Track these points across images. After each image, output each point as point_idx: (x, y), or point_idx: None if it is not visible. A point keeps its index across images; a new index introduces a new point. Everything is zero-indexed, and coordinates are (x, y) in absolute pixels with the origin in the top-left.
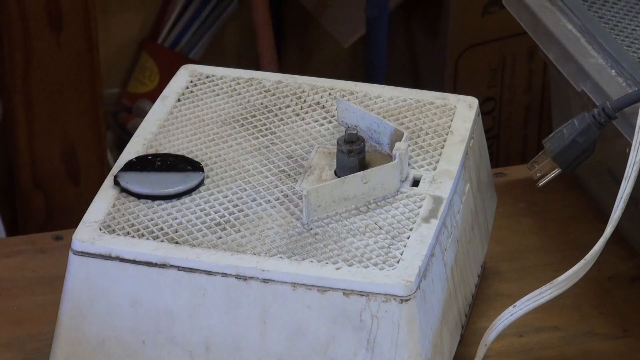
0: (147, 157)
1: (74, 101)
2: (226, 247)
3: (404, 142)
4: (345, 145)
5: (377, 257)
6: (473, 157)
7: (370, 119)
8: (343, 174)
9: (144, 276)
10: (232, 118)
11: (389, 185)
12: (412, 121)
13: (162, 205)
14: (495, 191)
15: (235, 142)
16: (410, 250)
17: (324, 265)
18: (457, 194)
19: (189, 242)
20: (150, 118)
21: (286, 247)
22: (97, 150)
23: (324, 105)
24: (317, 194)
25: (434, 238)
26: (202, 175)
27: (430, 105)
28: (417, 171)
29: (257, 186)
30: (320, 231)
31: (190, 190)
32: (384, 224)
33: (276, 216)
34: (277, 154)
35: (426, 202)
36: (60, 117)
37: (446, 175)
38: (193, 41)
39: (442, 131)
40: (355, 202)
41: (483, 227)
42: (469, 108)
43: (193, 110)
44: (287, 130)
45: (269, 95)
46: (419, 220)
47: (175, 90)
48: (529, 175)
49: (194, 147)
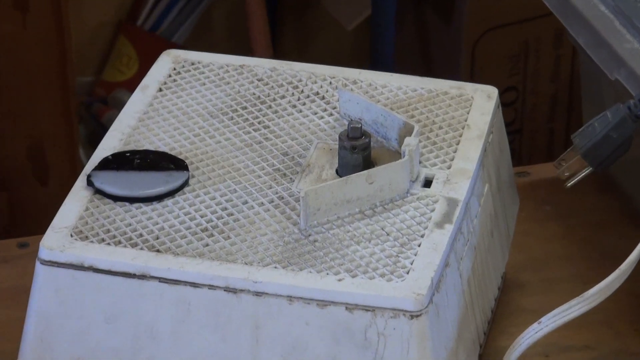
0: (125, 154)
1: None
2: (214, 255)
3: (415, 137)
4: (348, 141)
5: (384, 267)
6: (492, 154)
7: (376, 111)
8: (345, 173)
9: (121, 288)
10: (221, 110)
11: (398, 186)
12: (423, 114)
13: (141, 208)
14: (517, 193)
15: (223, 138)
16: (421, 260)
17: (324, 276)
18: (474, 195)
19: (172, 250)
20: (128, 110)
21: (281, 256)
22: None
23: (324, 95)
24: (316, 196)
25: (448, 245)
26: (187, 174)
27: (444, 95)
28: (430, 170)
29: (249, 187)
30: (319, 238)
31: (173, 191)
32: (392, 230)
33: (270, 221)
34: (271, 150)
35: (439, 205)
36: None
37: (462, 175)
38: (176, 23)
39: (458, 125)
40: (359, 205)
41: (503, 233)
42: (487, 99)
43: (176, 101)
44: (283, 124)
45: (262, 84)
46: (431, 225)
47: (157, 78)
48: (556, 174)
49: (177, 143)
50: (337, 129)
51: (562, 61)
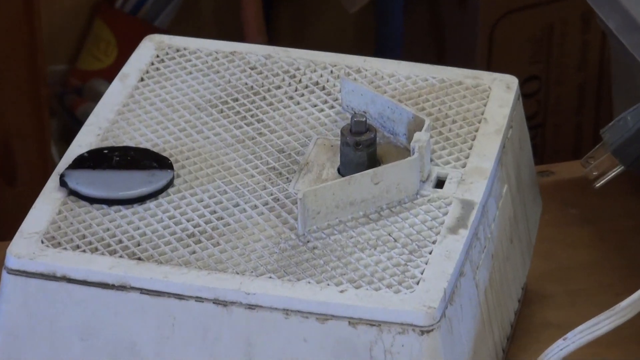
0: (102, 151)
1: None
2: (201, 264)
3: (425, 132)
4: (351, 137)
5: (391, 277)
6: (512, 151)
7: (383, 103)
8: (348, 172)
9: (98, 301)
10: (209, 102)
11: (406, 187)
12: (435, 106)
13: (121, 211)
14: (539, 194)
15: (212, 133)
16: (433, 269)
17: (325, 287)
18: (492, 197)
19: (155, 257)
20: (106, 102)
21: (277, 265)
22: (39, 143)
23: (324, 86)
24: (315, 198)
25: (463, 253)
26: (171, 173)
27: (458, 85)
28: (442, 169)
29: (241, 187)
30: (319, 244)
31: (156, 192)
32: (400, 236)
33: (264, 225)
34: (265, 147)
35: (453, 208)
36: None
37: (478, 174)
38: (159, 5)
39: (474, 118)
40: (363, 208)
41: (524, 239)
42: (506, 89)
43: (160, 92)
44: (278, 118)
45: (255, 73)
46: (444, 230)
47: (138, 67)
48: (583, 174)
49: (161, 138)
50: (339, 123)
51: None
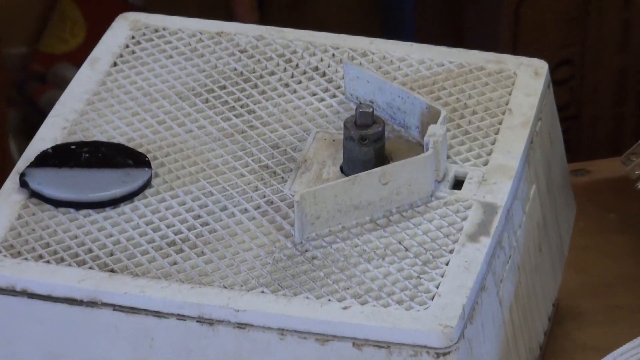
0: (69, 147)
1: None
2: (184, 276)
3: (441, 124)
4: (356, 130)
5: (402, 291)
6: (541, 146)
7: (393, 91)
8: (353, 171)
9: (65, 319)
10: (192, 90)
11: (419, 188)
12: (452, 95)
13: (90, 216)
14: (573, 196)
15: (196, 125)
16: (450, 282)
17: (326, 303)
18: (517, 200)
19: (130, 269)
20: (74, 90)
21: (270, 277)
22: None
23: (325, 71)
24: (315, 200)
25: (484, 264)
26: (149, 172)
27: (480, 71)
28: (460, 167)
29: (229, 188)
30: (319, 254)
31: (131, 194)
32: (412, 244)
33: (256, 232)
34: (257, 142)
35: (473, 212)
36: None
37: (502, 173)
38: None
39: (497, 109)
40: (370, 212)
41: (556, 248)
42: (534, 76)
43: (135, 78)
44: (272, 108)
45: (245, 57)
46: (462, 238)
47: (110, 49)
48: (624, 173)
49: (137, 132)
50: (342, 115)
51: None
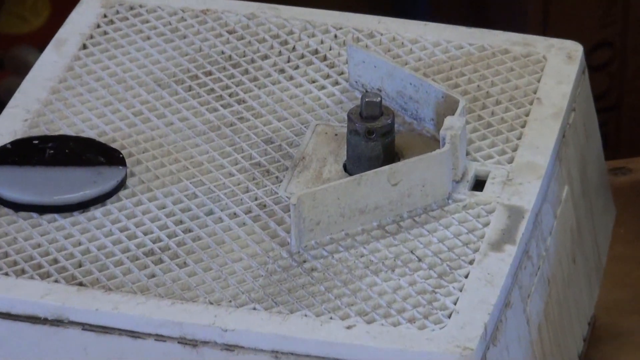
0: (31, 142)
1: None
2: (163, 291)
3: (460, 116)
4: (362, 122)
5: (414, 308)
6: (575, 141)
7: (404, 77)
8: (358, 169)
9: (26, 340)
10: (173, 77)
11: (435, 189)
12: (472, 82)
13: (56, 221)
14: (612, 199)
15: (178, 117)
16: (469, 297)
17: (327, 321)
18: (547, 203)
19: (101, 282)
20: (36, 76)
21: (263, 292)
22: None
23: (326, 55)
24: (314, 203)
25: (509, 277)
26: (124, 171)
27: (504, 54)
28: (482, 165)
29: (215, 189)
30: (319, 265)
31: (103, 196)
32: (426, 254)
33: (247, 240)
34: (248, 136)
35: (496, 217)
36: None
37: (530, 172)
38: None
39: (524, 99)
40: (378, 217)
41: (592, 258)
42: (567, 60)
43: (108, 63)
44: (265, 97)
45: (234, 38)
46: (484, 246)
47: (78, 30)
48: None
49: (109, 124)
50: (346, 105)
51: None
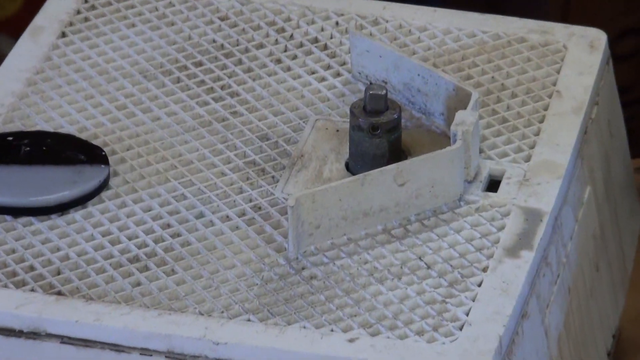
0: (5, 139)
1: None
2: (150, 301)
3: (472, 110)
4: (366, 117)
5: (422, 319)
6: (598, 138)
7: (411, 68)
8: (361, 168)
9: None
10: (160, 67)
11: (445, 190)
12: (486, 73)
13: (32, 225)
14: (638, 201)
15: (165, 111)
16: (483, 308)
17: (328, 334)
18: (567, 205)
19: (82, 291)
20: (11, 67)
21: (258, 302)
22: None
23: (327, 44)
24: (313, 205)
25: (526, 285)
26: (106, 170)
27: (520, 44)
28: (496, 164)
29: (206, 190)
30: (320, 272)
31: (84, 197)
32: (436, 260)
33: (240, 245)
34: (241, 132)
35: (512, 221)
36: None
37: (548, 172)
38: None
39: (542, 91)
40: (383, 220)
41: (617, 265)
42: (589, 49)
43: (89, 53)
44: (260, 90)
45: (227, 25)
46: (498, 252)
47: (57, 16)
48: None
49: (90, 119)
50: (348, 98)
51: None
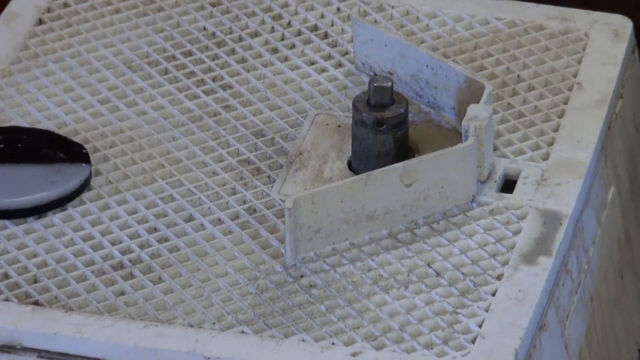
0: None
1: None
2: (135, 311)
3: (486, 104)
4: (370, 112)
5: (431, 331)
6: (623, 134)
7: (420, 58)
8: (365, 167)
9: None
10: (146, 58)
11: (456, 191)
12: (501, 64)
13: (7, 229)
14: None
15: (151, 105)
16: (498, 319)
17: (328, 347)
18: (589, 207)
19: (61, 301)
20: None
21: (253, 313)
22: None
23: (328, 32)
24: (313, 208)
25: (544, 295)
26: (88, 169)
27: (538, 32)
28: (512, 162)
29: (196, 191)
30: (319, 280)
31: (63, 199)
32: (446, 267)
33: (233, 251)
34: (234, 128)
35: (529, 224)
36: None
37: (568, 171)
38: None
39: (561, 84)
40: (388, 223)
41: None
42: (614, 37)
43: (69, 41)
44: (255, 82)
45: (219, 11)
46: (514, 259)
47: (33, 2)
48: None
49: (71, 114)
50: (350, 91)
51: None
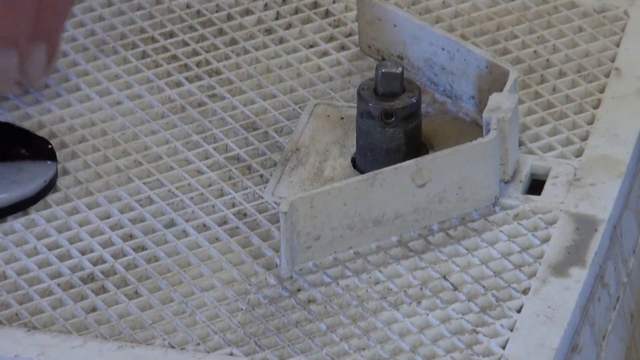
0: None
1: None
2: (108, 330)
3: (510, 93)
4: (377, 101)
5: (447, 353)
6: None
7: (434, 40)
8: (371, 165)
9: None
10: (122, 39)
11: (476, 192)
12: (527, 46)
13: None
14: None
15: (127, 94)
16: (523, 339)
17: None
18: (629, 211)
19: (23, 319)
20: None
21: (243, 332)
22: None
23: (329, 9)
24: (312, 212)
25: (577, 311)
26: (54, 167)
27: (570, 10)
28: (540, 159)
29: (179, 193)
30: (319, 295)
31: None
32: (464, 280)
33: (221, 261)
34: (223, 120)
35: (559, 231)
36: None
37: (605, 169)
38: None
39: (597, 69)
40: (399, 229)
41: None
42: None
43: None
44: (247, 68)
45: None
46: (542, 270)
47: None
48: None
49: (35, 105)
50: (354, 77)
51: None
